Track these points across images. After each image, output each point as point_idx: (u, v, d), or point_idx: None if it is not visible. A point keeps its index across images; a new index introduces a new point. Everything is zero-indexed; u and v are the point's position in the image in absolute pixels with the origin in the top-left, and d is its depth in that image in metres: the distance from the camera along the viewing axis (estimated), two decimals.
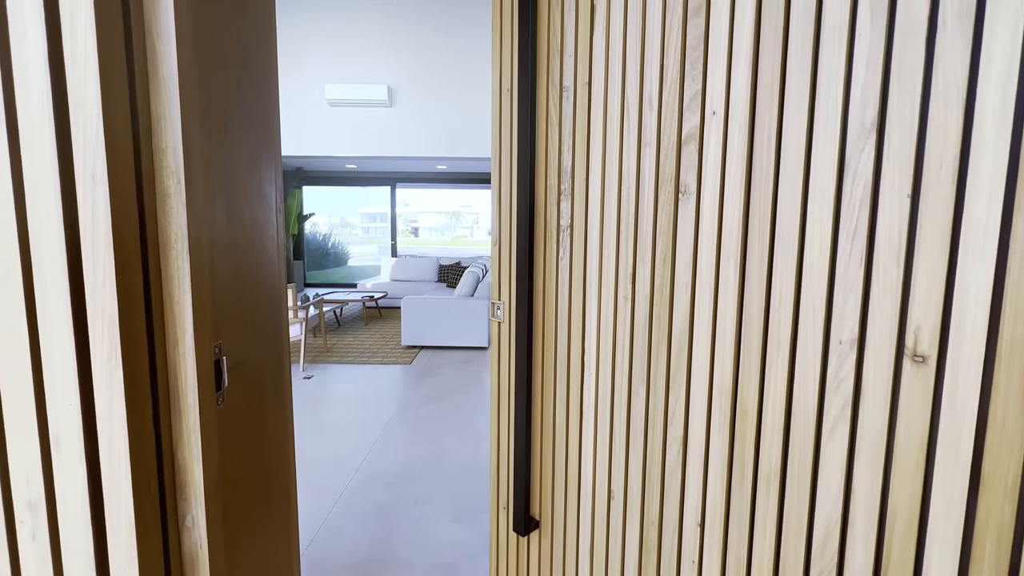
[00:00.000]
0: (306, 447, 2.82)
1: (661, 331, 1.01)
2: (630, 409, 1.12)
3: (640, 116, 1.04)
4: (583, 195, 1.23)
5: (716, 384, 0.92)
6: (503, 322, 1.55)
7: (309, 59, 7.84)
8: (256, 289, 0.96)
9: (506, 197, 1.49)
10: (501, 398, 1.62)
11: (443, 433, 3.01)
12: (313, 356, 4.75)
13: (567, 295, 1.31)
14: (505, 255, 1.52)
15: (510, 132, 1.45)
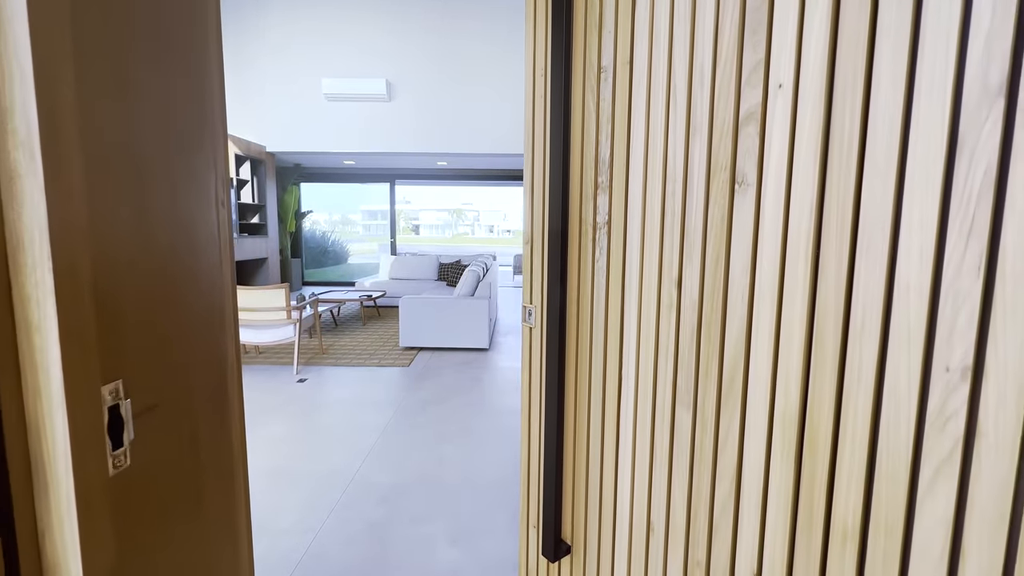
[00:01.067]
0: (296, 457, 2.66)
1: (711, 345, 0.85)
2: (674, 432, 0.96)
3: (689, 96, 0.88)
4: (622, 188, 1.07)
5: (778, 411, 0.76)
6: (535, 327, 1.40)
7: (305, 52, 7.67)
8: (186, 305, 0.72)
9: (539, 192, 1.34)
10: (532, 408, 1.50)
11: (441, 441, 2.85)
12: (308, 358, 4.58)
13: (603, 300, 1.16)
14: (537, 255, 1.38)
15: (543, 120, 1.30)
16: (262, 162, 7.80)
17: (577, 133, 1.21)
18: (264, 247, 7.98)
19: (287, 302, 4.03)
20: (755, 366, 0.78)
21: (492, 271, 6.51)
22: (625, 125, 1.04)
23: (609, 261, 1.13)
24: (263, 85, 7.74)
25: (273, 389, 3.74)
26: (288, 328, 4.10)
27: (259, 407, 3.36)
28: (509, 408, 3.42)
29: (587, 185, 1.19)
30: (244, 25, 7.67)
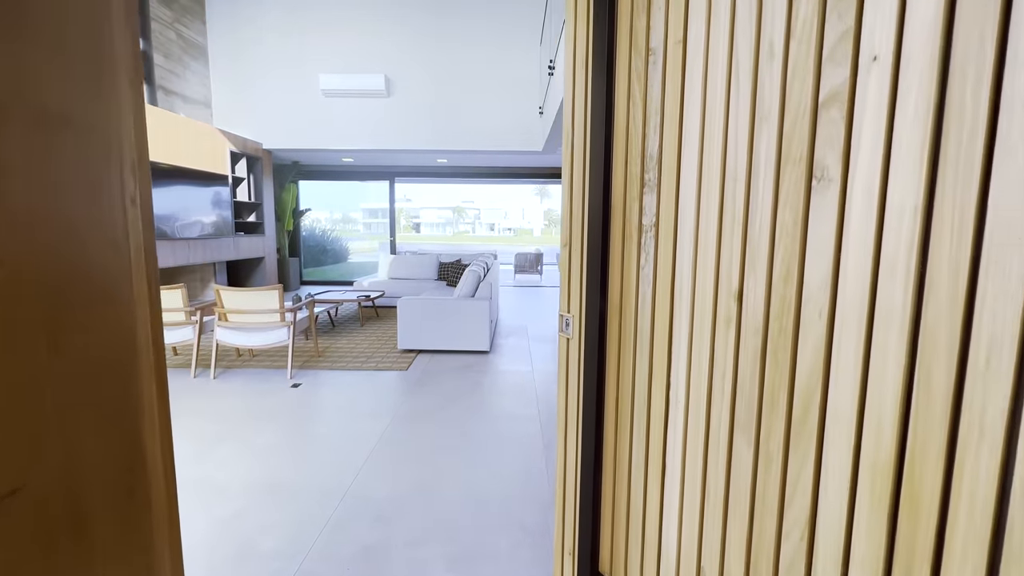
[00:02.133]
0: (286, 469, 2.51)
1: (779, 370, 0.69)
2: (731, 467, 0.81)
3: (755, 76, 0.72)
4: (672, 186, 0.92)
5: (866, 456, 0.60)
6: (572, 339, 1.27)
7: (302, 47, 7.50)
8: (75, 338, 0.51)
9: (578, 191, 1.21)
10: (568, 424, 1.38)
11: (440, 452, 2.70)
12: (303, 361, 4.43)
13: (649, 312, 1.01)
14: (576, 260, 1.24)
15: (584, 113, 1.16)
16: (258, 159, 7.64)
17: (621, 126, 1.06)
18: (261, 246, 7.82)
19: (280, 304, 3.87)
20: (836, 400, 0.62)
21: (493, 271, 6.35)
22: (677, 115, 0.90)
23: (656, 268, 0.98)
24: (259, 81, 7.58)
25: (265, 394, 3.59)
26: (282, 331, 3.95)
27: (250, 414, 3.21)
28: (511, 414, 3.27)
29: (632, 183, 1.04)
30: (239, 19, 7.51)
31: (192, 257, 6.15)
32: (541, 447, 2.79)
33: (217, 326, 3.95)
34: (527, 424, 3.11)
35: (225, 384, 3.81)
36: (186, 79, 7.04)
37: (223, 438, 2.85)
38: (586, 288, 1.17)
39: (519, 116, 7.59)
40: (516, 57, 7.48)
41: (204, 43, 7.43)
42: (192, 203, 6.07)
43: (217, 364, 4.29)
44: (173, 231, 5.71)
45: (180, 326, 3.97)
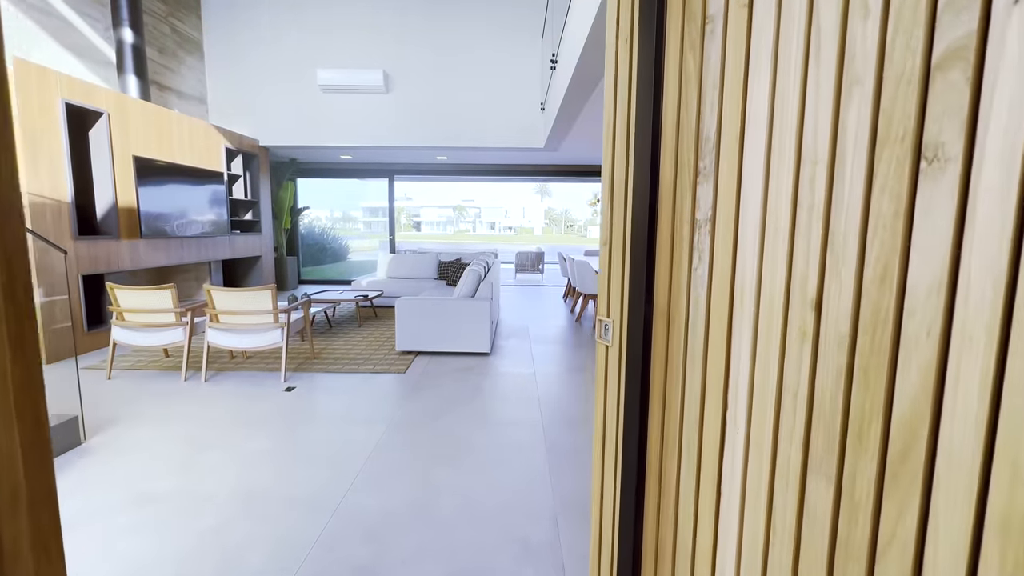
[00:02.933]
0: (276, 479, 2.38)
1: (871, 396, 0.56)
2: (803, 511, 0.67)
3: (843, 38, 0.59)
4: (733, 174, 0.79)
5: (994, 513, 0.46)
6: (612, 346, 1.14)
7: (299, 42, 7.37)
8: None
9: (620, 182, 1.07)
10: (607, 442, 1.26)
11: (438, 463, 2.56)
12: (298, 363, 4.30)
13: (703, 319, 0.88)
14: (617, 260, 1.12)
15: (627, 94, 1.03)
16: (255, 156, 7.51)
17: (671, 107, 0.94)
18: (258, 245, 7.69)
19: (274, 305, 3.75)
20: (951, 437, 0.48)
21: (494, 270, 6.22)
22: (739, 90, 0.77)
23: (712, 269, 0.85)
24: (255, 76, 7.44)
25: (257, 398, 3.46)
26: (275, 332, 3.82)
27: (240, 419, 3.08)
28: (512, 419, 3.13)
29: (684, 172, 0.92)
30: (235, 14, 7.37)
31: (186, 256, 6.02)
32: (544, 454, 2.66)
33: (208, 327, 3.82)
34: (529, 429, 2.98)
35: (216, 387, 3.69)
36: (181, 74, 6.91)
37: (211, 445, 2.73)
38: (629, 291, 1.05)
39: (520, 112, 7.45)
40: (517, 52, 7.33)
41: (199, 38, 7.30)
42: (186, 201, 5.94)
43: (209, 367, 4.16)
44: (166, 229, 5.58)
45: (170, 327, 3.84)
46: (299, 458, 2.60)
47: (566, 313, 7.03)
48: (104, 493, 2.24)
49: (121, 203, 5.00)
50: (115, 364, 4.21)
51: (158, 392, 3.57)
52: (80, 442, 2.72)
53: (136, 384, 3.75)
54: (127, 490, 2.27)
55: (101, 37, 5.60)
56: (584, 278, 6.08)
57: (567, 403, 3.46)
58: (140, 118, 5.27)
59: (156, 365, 4.22)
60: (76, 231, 4.47)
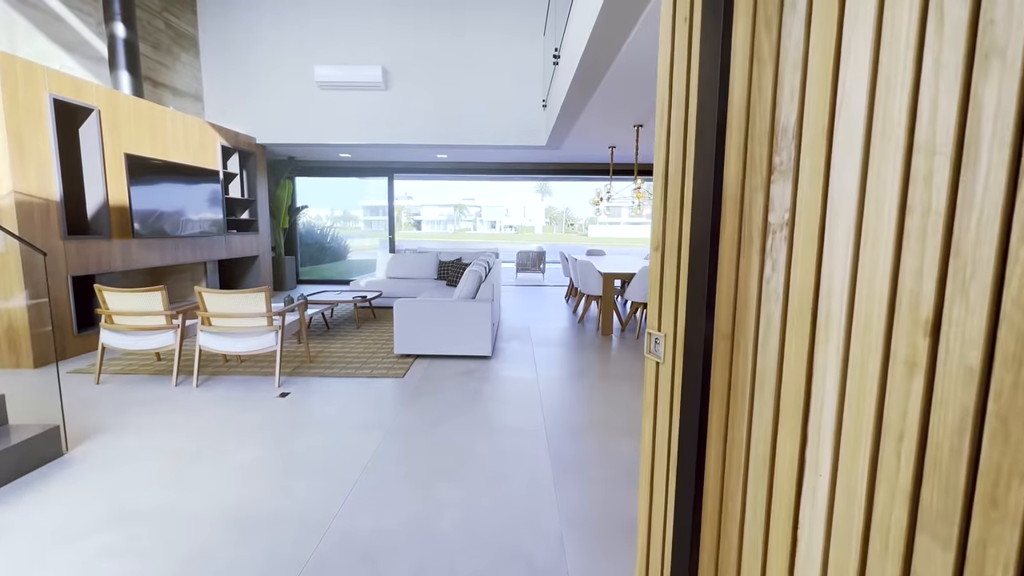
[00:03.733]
0: (264, 495, 2.26)
1: (1012, 448, 0.43)
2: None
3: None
4: (818, 169, 0.67)
5: None
6: (664, 363, 1.02)
7: (296, 37, 7.23)
8: None
9: (676, 179, 0.95)
10: (656, 471, 1.13)
11: (437, 475, 2.44)
12: (294, 367, 4.18)
13: (776, 340, 0.76)
14: (671, 268, 1.01)
15: (685, 80, 0.90)
16: (252, 154, 7.38)
17: (739, 93, 0.81)
18: (255, 244, 7.57)
19: (267, 307, 3.62)
20: None
21: (495, 270, 6.09)
22: (828, 71, 0.64)
23: (789, 281, 0.73)
24: (252, 73, 7.31)
25: (250, 405, 3.34)
26: (269, 336, 3.70)
27: (230, 428, 2.96)
28: (515, 426, 3.01)
29: (754, 169, 0.80)
30: (231, 9, 7.23)
31: (181, 256, 5.90)
32: (548, 465, 2.54)
33: (200, 331, 3.70)
34: (532, 438, 2.86)
35: (208, 393, 3.56)
36: (176, 71, 6.78)
37: (199, 456, 2.60)
38: (687, 303, 0.92)
39: (521, 109, 7.31)
40: (518, 48, 7.20)
41: (195, 34, 7.17)
42: (180, 200, 5.81)
43: (201, 371, 4.04)
44: (160, 229, 5.46)
45: (161, 331, 3.72)
46: (291, 470, 2.47)
47: (568, 314, 6.91)
48: (83, 509, 2.12)
49: (112, 202, 4.88)
50: (105, 368, 4.09)
51: (147, 398, 3.45)
52: (62, 453, 2.60)
53: (125, 389, 3.62)
54: (108, 506, 2.15)
55: (93, 32, 5.47)
56: (587, 279, 5.95)
57: (571, 410, 3.33)
58: (132, 115, 5.14)
59: (147, 369, 4.10)
60: (65, 231, 4.35)
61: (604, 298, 5.64)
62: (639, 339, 5.41)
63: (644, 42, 3.35)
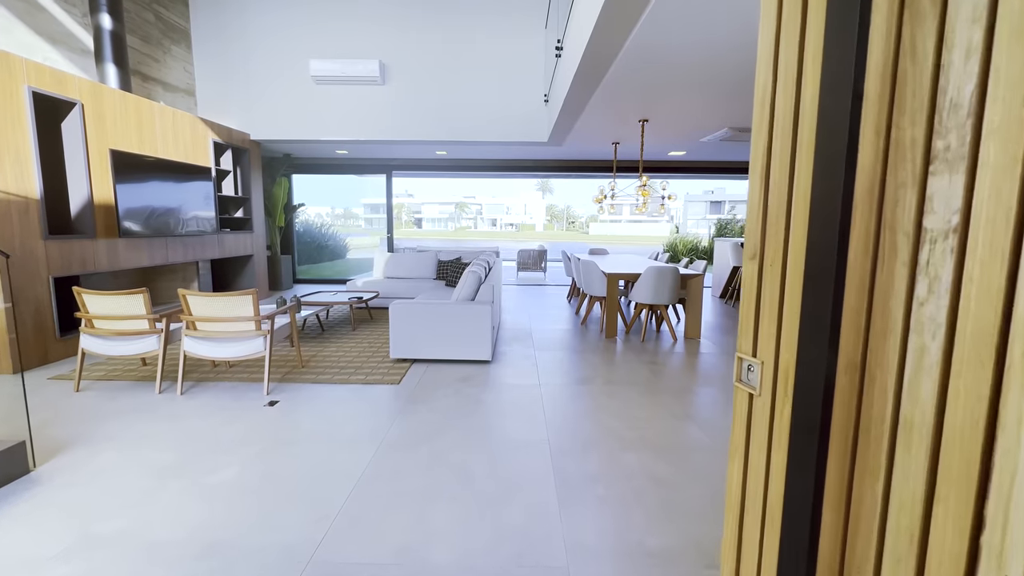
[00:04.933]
0: (241, 521, 2.07)
1: None
2: None
3: None
4: (1013, 158, 0.48)
5: None
6: (759, 396, 0.84)
7: (290, 30, 7.02)
8: None
9: (780, 172, 0.76)
10: (747, 524, 0.92)
11: (431, 498, 2.25)
12: (284, 373, 3.99)
13: (934, 381, 0.58)
14: (772, 282, 0.82)
15: (798, 38, 0.72)
16: (246, 151, 7.18)
17: (880, 53, 0.62)
18: (249, 243, 7.38)
19: (255, 311, 3.43)
20: None
21: (495, 270, 5.90)
22: None
23: (957, 306, 0.55)
24: (245, 67, 7.10)
25: (236, 415, 3.15)
26: (257, 341, 3.50)
27: (212, 442, 2.77)
28: (516, 441, 2.82)
29: (902, 156, 0.61)
30: (224, 1, 7.02)
31: (171, 256, 5.71)
32: (552, 485, 2.35)
33: (184, 335, 3.51)
34: (535, 454, 2.66)
35: (192, 401, 3.37)
36: (167, 65, 6.58)
37: (175, 474, 2.42)
38: (798, 326, 0.74)
39: (522, 105, 7.10)
40: (519, 42, 6.98)
41: (186, 26, 6.96)
42: (170, 198, 5.62)
43: (188, 377, 3.85)
44: (148, 228, 5.26)
45: (144, 335, 3.53)
46: (273, 492, 2.28)
47: (570, 315, 6.71)
48: (43, 536, 1.93)
49: (97, 200, 4.68)
50: (87, 374, 3.90)
51: (128, 407, 3.26)
52: (28, 470, 2.41)
53: (106, 397, 3.44)
54: (70, 532, 1.96)
55: (78, 23, 5.28)
56: (590, 279, 5.75)
57: (575, 420, 3.14)
58: (118, 109, 4.94)
59: (132, 375, 3.91)
60: (46, 230, 4.16)
61: (608, 300, 5.45)
62: (644, 342, 5.21)
63: (654, 29, 3.15)
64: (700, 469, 2.52)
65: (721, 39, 3.33)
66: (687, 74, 4.10)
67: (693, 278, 5.46)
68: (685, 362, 4.51)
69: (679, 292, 5.46)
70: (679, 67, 3.92)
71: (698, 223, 43.67)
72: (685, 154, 8.91)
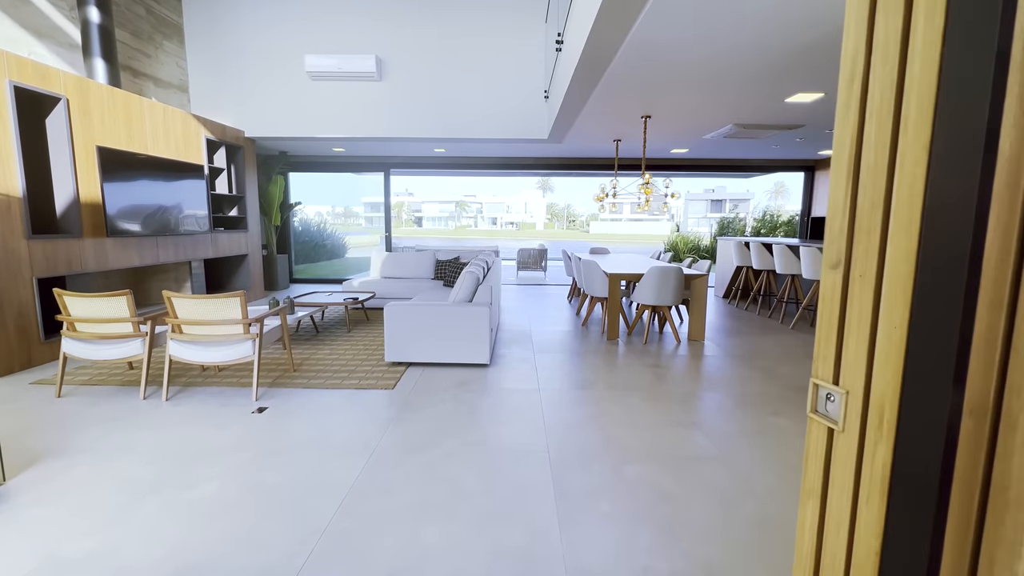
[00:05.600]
0: (220, 542, 1.94)
1: None
2: None
3: None
4: None
5: None
6: (842, 431, 0.71)
7: (286, 25, 6.87)
8: None
9: (877, 158, 0.62)
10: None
11: (424, 515, 2.11)
12: (276, 377, 3.85)
13: None
14: (863, 296, 0.68)
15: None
16: (240, 148, 7.04)
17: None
18: (244, 243, 7.24)
19: (243, 313, 3.29)
20: None
21: (494, 270, 5.76)
22: None
23: None
24: (239, 63, 6.96)
25: (222, 422, 3.02)
26: (245, 344, 3.37)
27: (195, 452, 2.64)
28: (514, 451, 2.69)
29: None
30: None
31: (163, 256, 5.58)
32: (551, 499, 2.21)
33: (170, 339, 3.37)
34: (534, 465, 2.53)
35: (177, 408, 3.24)
36: (159, 60, 6.44)
37: (153, 489, 2.28)
38: (903, 352, 0.60)
39: (522, 101, 6.96)
40: (518, 37, 6.83)
41: (179, 21, 6.81)
42: (160, 196, 5.48)
43: (176, 381, 3.72)
44: (138, 227, 5.13)
45: (128, 339, 3.40)
46: (255, 508, 2.15)
47: (571, 316, 6.57)
48: (3, 558, 1.80)
49: (84, 198, 4.55)
50: (71, 378, 3.77)
51: (110, 414, 3.13)
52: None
53: (88, 403, 3.31)
54: (35, 554, 1.83)
55: (66, 17, 5.13)
56: (592, 280, 5.61)
57: (576, 428, 3.00)
58: (106, 105, 4.80)
59: (117, 379, 3.78)
60: (29, 230, 4.02)
61: (610, 301, 5.31)
62: (647, 344, 5.08)
63: (657, 21, 3.01)
64: (708, 483, 2.38)
65: (725, 34, 3.18)
66: (689, 70, 3.96)
67: (697, 278, 5.33)
68: (689, 365, 4.37)
69: (683, 293, 5.32)
70: (681, 63, 3.77)
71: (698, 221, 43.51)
72: (687, 151, 8.76)
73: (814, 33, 3.23)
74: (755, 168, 10.13)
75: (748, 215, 14.91)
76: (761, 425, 3.07)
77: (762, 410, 3.32)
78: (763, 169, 10.20)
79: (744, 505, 2.19)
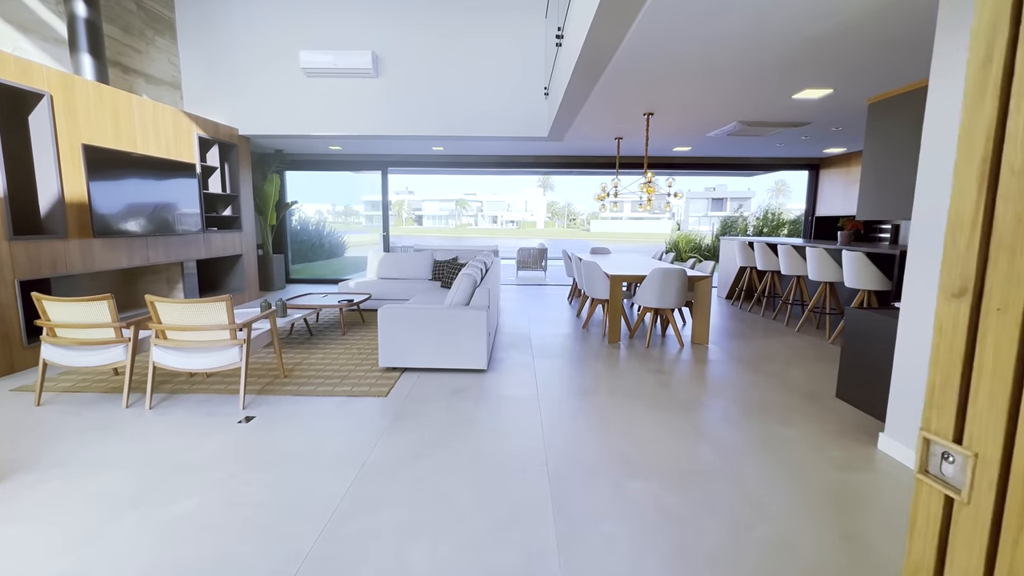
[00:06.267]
0: (196, 562, 1.82)
1: None
2: None
3: None
4: None
5: None
6: (964, 502, 0.58)
7: (280, 20, 6.73)
8: None
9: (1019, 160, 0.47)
10: None
11: (413, 536, 1.98)
12: (264, 384, 3.72)
13: None
14: (1001, 333, 0.55)
15: None
16: (233, 146, 6.90)
17: None
18: (238, 243, 7.11)
19: (230, 318, 3.16)
20: None
21: (493, 271, 5.63)
22: None
23: None
24: (233, 59, 6.81)
25: (206, 432, 2.89)
26: (232, 350, 3.24)
27: (176, 465, 2.51)
28: (511, 464, 2.55)
29: None
30: None
31: (152, 257, 5.44)
32: (550, 519, 2.08)
33: (153, 345, 3.24)
34: (531, 480, 2.40)
35: (161, 417, 3.11)
36: (150, 56, 6.30)
37: (131, 505, 2.15)
38: None
39: (522, 98, 6.81)
40: (517, 33, 6.69)
41: (171, 16, 6.67)
42: (151, 195, 5.35)
43: (161, 388, 3.59)
44: (126, 227, 4.99)
45: (110, 345, 3.27)
46: (237, 526, 2.02)
47: (571, 317, 6.44)
48: None
49: (69, 198, 4.41)
50: (53, 385, 3.64)
51: (91, 424, 3.00)
52: None
53: (69, 412, 3.18)
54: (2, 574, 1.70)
55: (52, 11, 5.00)
56: (593, 282, 5.48)
57: (576, 441, 2.87)
58: (92, 102, 4.66)
59: (100, 386, 3.65)
60: (11, 230, 3.89)
61: (612, 303, 5.17)
62: (649, 347, 4.94)
63: (660, 17, 2.87)
64: (717, 501, 2.25)
65: (731, 27, 3.04)
66: (693, 65, 3.82)
67: (700, 280, 5.19)
68: (693, 371, 4.24)
69: (686, 295, 5.18)
70: (685, 57, 3.63)
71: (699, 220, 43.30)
72: (690, 149, 8.62)
73: (823, 25, 3.09)
74: (758, 166, 9.98)
75: (750, 214, 14.72)
76: (769, 436, 2.94)
77: (770, 419, 3.19)
78: (766, 167, 10.05)
79: (757, 528, 2.06)
